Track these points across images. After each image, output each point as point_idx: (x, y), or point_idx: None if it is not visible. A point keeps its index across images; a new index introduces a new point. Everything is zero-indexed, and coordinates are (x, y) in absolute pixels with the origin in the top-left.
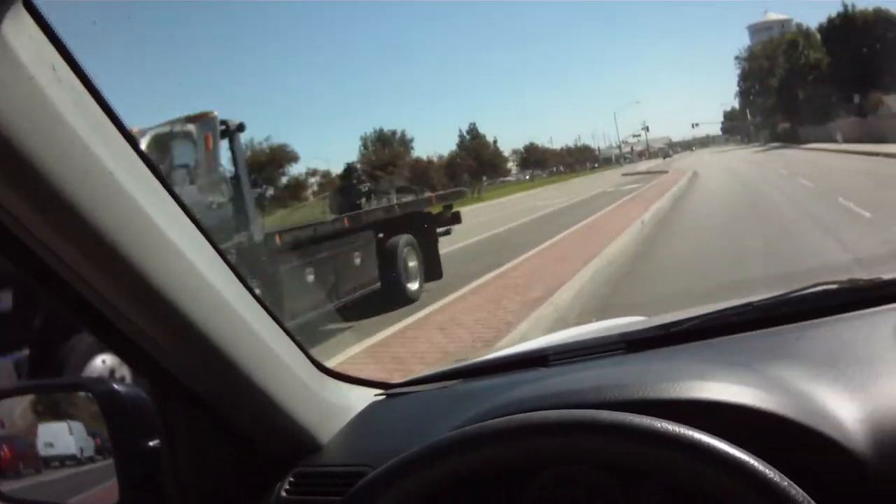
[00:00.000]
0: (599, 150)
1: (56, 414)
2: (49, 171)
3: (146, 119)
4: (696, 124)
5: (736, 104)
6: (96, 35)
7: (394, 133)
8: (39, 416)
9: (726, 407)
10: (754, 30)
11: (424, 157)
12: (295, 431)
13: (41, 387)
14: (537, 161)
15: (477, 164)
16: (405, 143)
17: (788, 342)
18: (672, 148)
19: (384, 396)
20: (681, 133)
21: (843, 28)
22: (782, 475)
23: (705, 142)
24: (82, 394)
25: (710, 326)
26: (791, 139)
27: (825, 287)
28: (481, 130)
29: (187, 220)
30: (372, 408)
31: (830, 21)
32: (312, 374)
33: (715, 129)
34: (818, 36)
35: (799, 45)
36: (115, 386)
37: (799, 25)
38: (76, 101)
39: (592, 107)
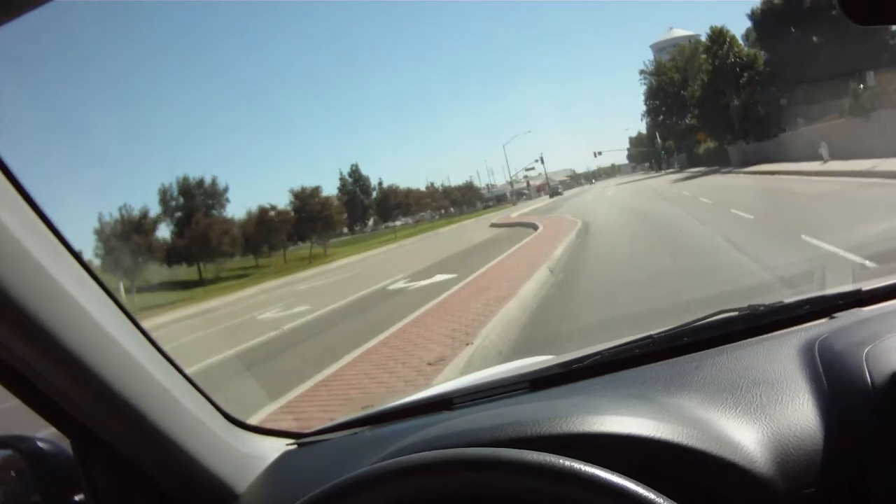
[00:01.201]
0: (489, 187)
1: None
2: None
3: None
4: (599, 153)
5: (643, 127)
6: None
7: (200, 182)
8: None
9: (621, 438)
10: (659, 48)
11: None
12: (211, 483)
13: None
14: (397, 206)
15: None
16: (215, 194)
17: (688, 371)
18: (575, 180)
19: (295, 446)
20: (585, 163)
21: (783, 10)
22: (667, 498)
23: (611, 172)
24: (6, 451)
25: (612, 361)
26: (719, 161)
27: (725, 315)
28: (367, 172)
29: (89, 278)
30: (284, 457)
31: (765, 6)
32: (224, 427)
33: (621, 158)
34: (739, 39)
35: (723, 42)
36: (39, 443)
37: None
38: None
39: (486, 141)
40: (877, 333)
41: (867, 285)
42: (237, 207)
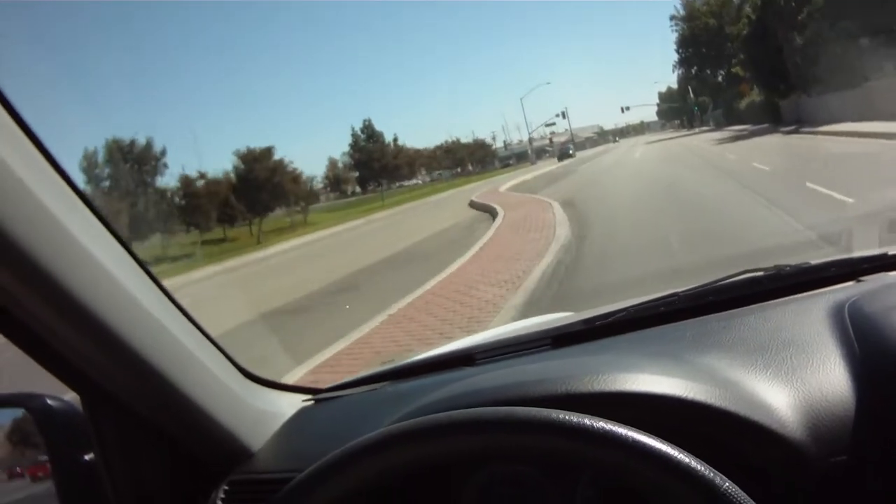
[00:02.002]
0: (507, 145)
1: None
2: None
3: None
4: (627, 108)
5: (674, 81)
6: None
7: (131, 145)
8: None
9: (652, 398)
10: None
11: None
12: (226, 439)
13: None
14: (395, 167)
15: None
16: (147, 158)
17: (716, 331)
18: (603, 137)
19: (313, 402)
20: (613, 120)
21: None
22: (708, 466)
23: (640, 129)
24: (15, 409)
25: (637, 318)
26: (768, 118)
27: (751, 274)
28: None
29: (107, 233)
30: (301, 413)
31: None
32: (240, 382)
33: (650, 114)
34: None
35: None
36: (49, 401)
37: None
38: (5, 134)
39: (507, 96)
40: None
41: (893, 250)
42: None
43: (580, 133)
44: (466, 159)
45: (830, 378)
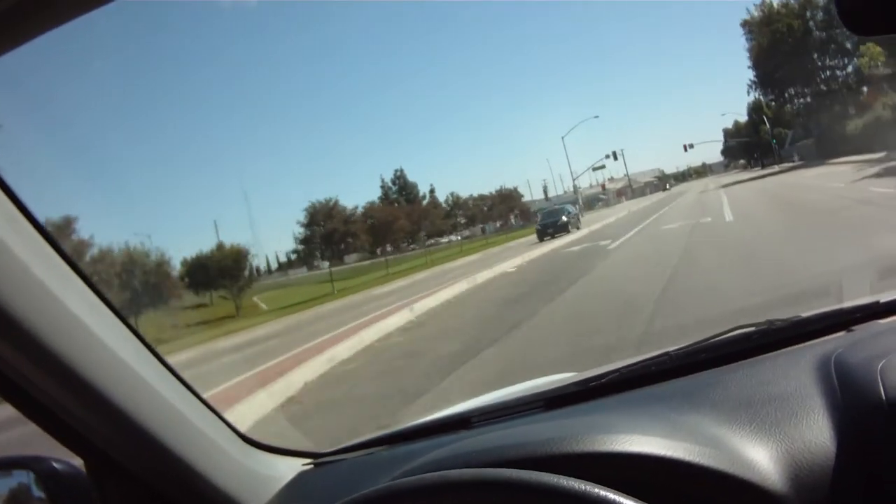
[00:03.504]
0: (545, 192)
1: None
2: None
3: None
4: (691, 146)
5: (744, 113)
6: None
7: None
8: None
9: (633, 458)
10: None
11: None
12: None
13: None
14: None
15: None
16: None
17: (703, 388)
18: (663, 181)
19: (312, 466)
20: (675, 162)
21: None
22: None
23: (702, 171)
24: (22, 471)
25: (629, 378)
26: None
27: (743, 330)
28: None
29: (103, 305)
30: (300, 477)
31: None
32: (239, 447)
33: (715, 154)
34: None
35: None
36: (55, 464)
37: None
38: None
39: (551, 138)
40: (893, 346)
41: (885, 297)
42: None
43: (638, 178)
44: (478, 215)
45: (814, 430)
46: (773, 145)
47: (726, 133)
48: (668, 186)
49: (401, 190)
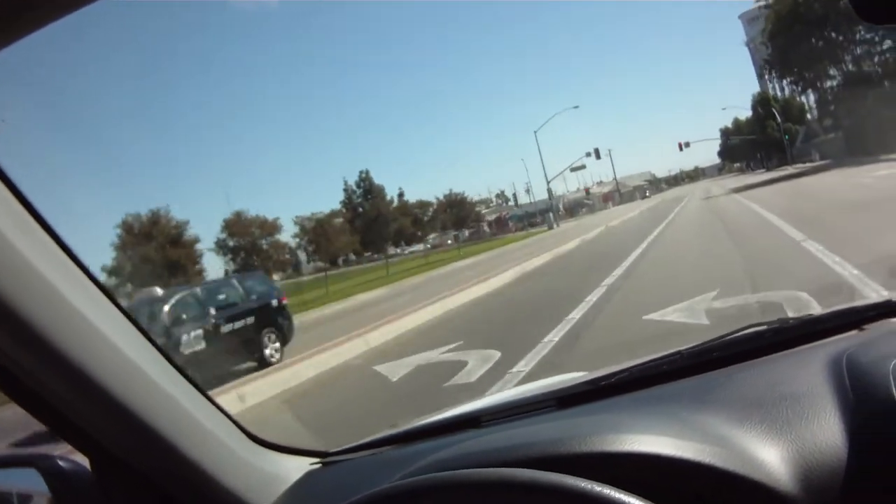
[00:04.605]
0: (515, 199)
1: None
2: None
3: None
4: (687, 144)
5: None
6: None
7: None
8: None
9: (644, 457)
10: (750, 18)
11: None
12: (233, 502)
13: None
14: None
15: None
16: None
17: (715, 387)
18: (654, 185)
19: (320, 465)
20: (667, 165)
21: None
22: None
23: (695, 175)
24: (27, 469)
25: (641, 377)
26: None
27: (755, 329)
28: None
29: (110, 304)
30: (308, 476)
31: None
32: (246, 446)
33: (711, 155)
34: None
35: None
36: (60, 462)
37: None
38: None
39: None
40: None
41: None
42: None
43: (627, 181)
44: (456, 221)
45: (825, 429)
46: (786, 142)
47: (724, 132)
48: (647, 194)
49: (366, 193)
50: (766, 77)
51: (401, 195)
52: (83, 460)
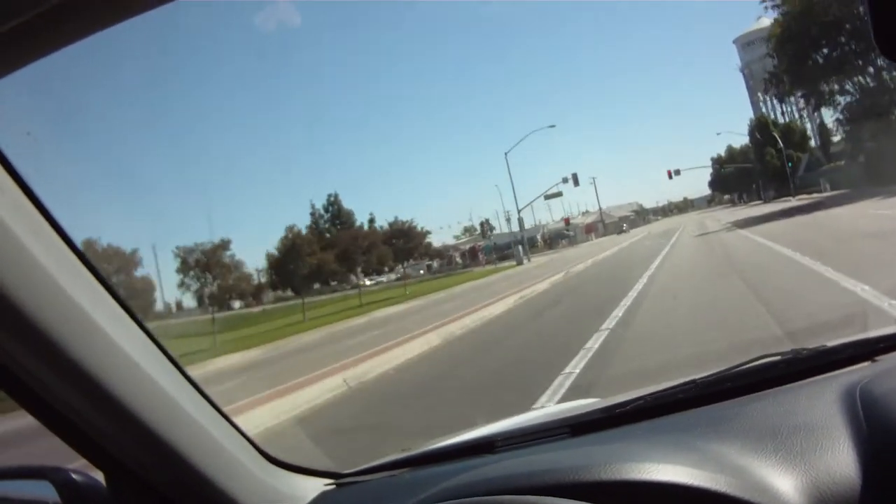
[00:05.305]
0: (484, 231)
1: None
2: None
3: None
4: (677, 172)
5: (743, 133)
6: (34, 143)
7: None
8: None
9: (658, 486)
10: (745, 43)
11: None
12: None
13: (1, 472)
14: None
15: None
16: None
17: (729, 417)
18: (641, 216)
19: (334, 486)
20: (655, 196)
21: None
22: None
23: (684, 206)
24: (40, 481)
25: (655, 406)
26: None
27: (768, 359)
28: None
29: (129, 318)
30: (322, 497)
31: None
32: (262, 465)
33: (700, 187)
34: None
35: None
36: (74, 475)
37: None
38: (14, 206)
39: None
40: None
41: None
42: None
43: (613, 211)
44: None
45: (839, 459)
46: (788, 170)
47: (716, 161)
48: (624, 227)
49: (334, 218)
50: (770, 94)
51: (371, 221)
52: (97, 475)
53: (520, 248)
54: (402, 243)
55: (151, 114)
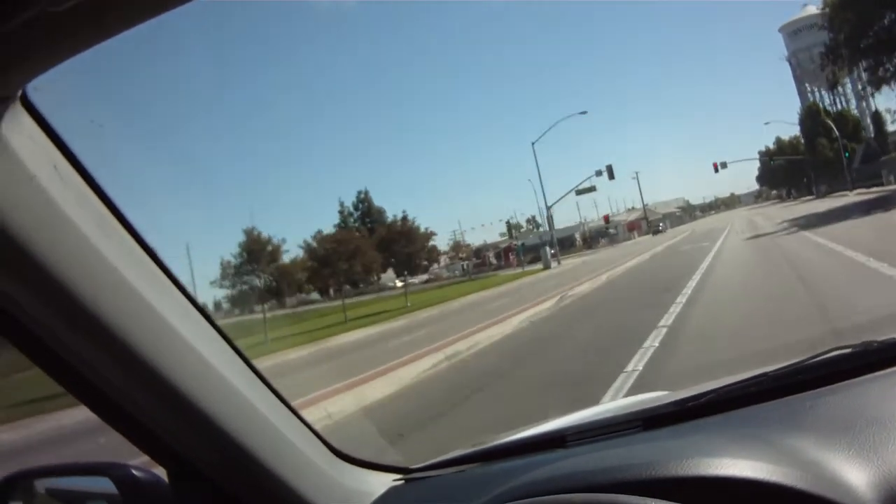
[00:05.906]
0: (516, 229)
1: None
2: (53, 267)
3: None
4: (724, 165)
5: (793, 126)
6: (98, 133)
7: None
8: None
9: (736, 482)
10: (792, 31)
11: None
12: None
13: (61, 469)
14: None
15: None
16: None
17: (803, 410)
18: (688, 213)
19: (403, 481)
20: (702, 192)
21: None
22: None
23: (730, 202)
24: (100, 478)
25: (727, 399)
26: None
27: (839, 352)
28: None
29: (195, 311)
30: (391, 493)
31: None
32: (329, 460)
33: (747, 181)
34: None
35: None
36: (135, 472)
37: None
38: (79, 199)
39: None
40: None
41: None
42: None
43: (658, 207)
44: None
45: None
46: (845, 160)
47: (764, 153)
48: (660, 227)
49: (364, 216)
50: (826, 72)
51: (404, 218)
52: (159, 471)
53: (546, 249)
54: (402, 247)
55: (213, 104)
